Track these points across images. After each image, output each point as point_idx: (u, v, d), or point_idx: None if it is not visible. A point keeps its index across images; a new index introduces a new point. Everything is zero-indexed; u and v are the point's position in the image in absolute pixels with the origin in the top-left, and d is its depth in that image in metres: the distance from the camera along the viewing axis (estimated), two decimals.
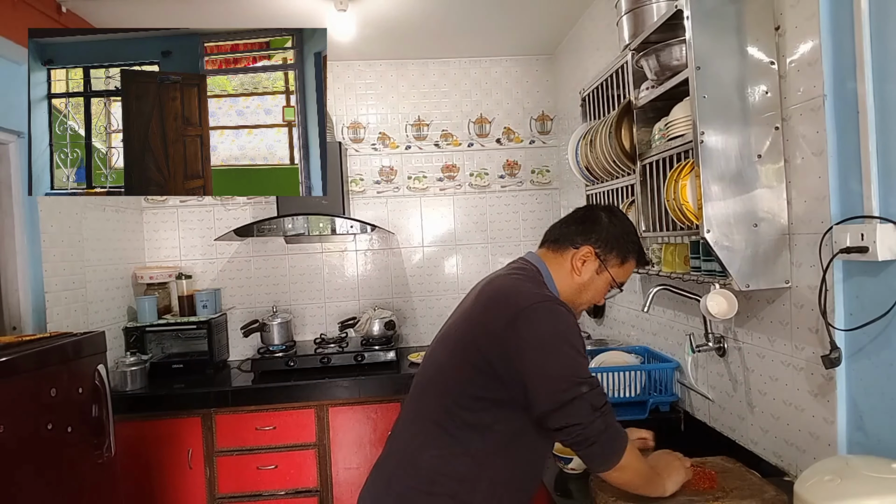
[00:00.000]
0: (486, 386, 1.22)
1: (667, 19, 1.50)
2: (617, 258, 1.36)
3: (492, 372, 1.21)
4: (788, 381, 1.44)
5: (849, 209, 1.23)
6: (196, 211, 3.27)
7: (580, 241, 1.36)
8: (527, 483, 1.33)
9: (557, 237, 1.40)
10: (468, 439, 1.23)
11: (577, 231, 1.37)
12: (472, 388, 1.23)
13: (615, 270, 1.37)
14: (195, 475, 2.62)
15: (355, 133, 3.36)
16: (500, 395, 1.22)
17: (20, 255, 2.27)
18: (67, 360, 1.84)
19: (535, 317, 1.19)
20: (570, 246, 1.36)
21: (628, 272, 1.41)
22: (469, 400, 1.24)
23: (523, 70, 3.42)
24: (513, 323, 1.19)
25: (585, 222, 1.38)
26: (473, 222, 3.40)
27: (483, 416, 1.23)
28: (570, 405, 1.15)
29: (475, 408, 1.23)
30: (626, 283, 1.45)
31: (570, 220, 1.41)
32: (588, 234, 1.36)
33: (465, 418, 1.23)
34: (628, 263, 1.39)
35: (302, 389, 2.65)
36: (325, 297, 3.34)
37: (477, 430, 1.23)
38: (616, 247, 1.36)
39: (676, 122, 1.54)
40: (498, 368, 1.20)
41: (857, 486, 1.00)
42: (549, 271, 1.37)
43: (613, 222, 1.38)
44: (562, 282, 1.36)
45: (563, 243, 1.38)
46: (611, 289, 1.40)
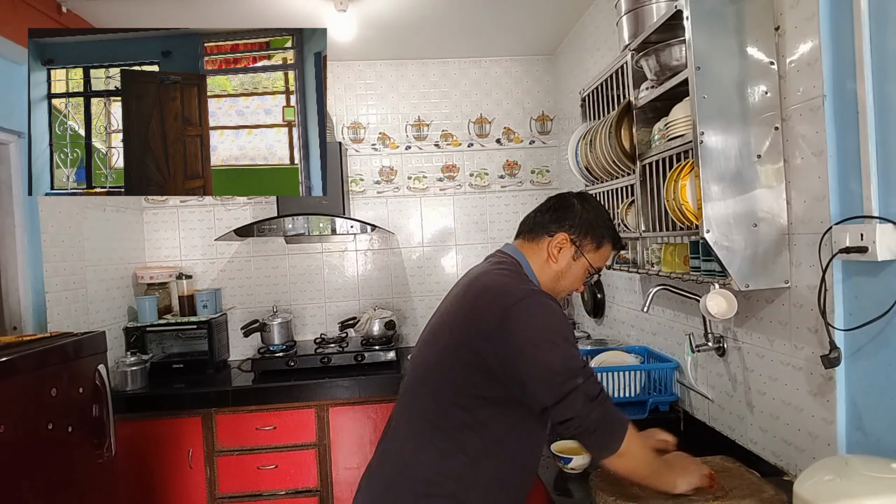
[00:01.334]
0: (480, 384, 1.23)
1: (667, 19, 1.50)
2: (592, 243, 1.38)
3: (487, 370, 1.22)
4: (788, 381, 1.44)
5: (848, 209, 1.23)
6: (196, 211, 3.27)
7: (555, 229, 1.37)
8: (523, 478, 1.33)
9: (532, 227, 1.41)
10: (463, 438, 1.24)
11: (551, 219, 1.39)
12: (467, 387, 1.24)
13: (591, 255, 1.39)
14: (195, 475, 2.62)
15: (355, 133, 3.36)
16: (495, 392, 1.23)
17: (20, 254, 2.27)
18: (68, 360, 1.84)
19: (524, 312, 1.20)
20: (545, 234, 1.38)
21: (605, 257, 1.42)
22: (464, 399, 1.24)
23: (523, 70, 3.42)
24: (504, 321, 1.20)
25: (559, 210, 1.40)
26: (473, 222, 3.40)
27: (478, 414, 1.23)
28: (567, 398, 1.16)
29: (470, 406, 1.24)
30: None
31: (543, 209, 1.43)
32: (562, 221, 1.38)
33: (460, 417, 1.24)
34: (604, 248, 1.40)
35: (302, 389, 2.65)
36: (326, 297, 3.34)
37: (472, 428, 1.24)
38: (590, 232, 1.38)
39: (676, 123, 1.54)
40: (494, 367, 1.21)
41: (856, 485, 1.00)
42: (527, 262, 1.38)
43: (586, 208, 1.39)
44: (540, 270, 1.38)
45: (538, 232, 1.39)
46: (589, 275, 1.42)
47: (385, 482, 1.30)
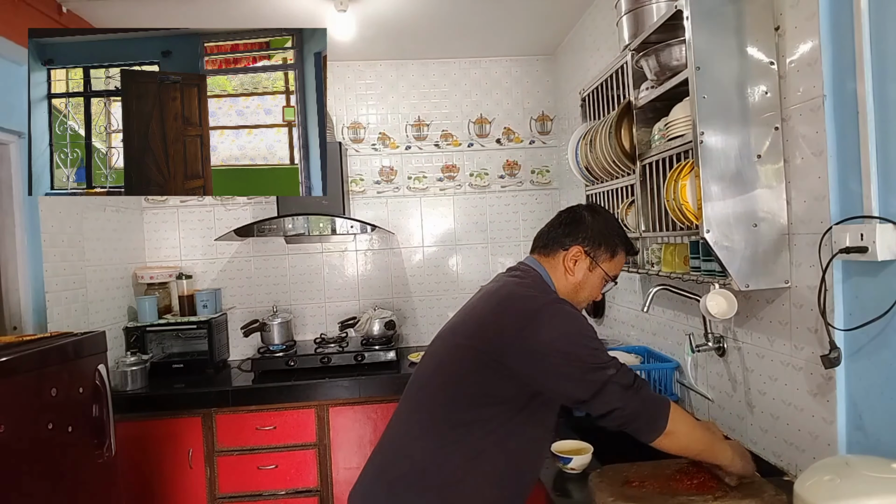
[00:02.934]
0: (490, 382, 1.25)
1: (667, 19, 1.50)
2: (606, 252, 1.40)
3: (503, 370, 1.24)
4: (788, 381, 1.44)
5: (848, 209, 1.23)
6: (196, 211, 3.27)
7: (568, 243, 1.40)
8: (520, 480, 1.34)
9: (546, 242, 1.44)
10: (463, 434, 1.25)
11: (564, 233, 1.42)
12: (475, 384, 1.26)
13: (606, 265, 1.41)
14: (195, 475, 2.62)
15: (355, 133, 3.36)
16: (504, 391, 1.25)
17: (20, 255, 2.27)
18: (68, 359, 1.84)
19: (550, 317, 1.24)
20: (560, 248, 1.41)
21: (619, 265, 1.45)
22: (471, 396, 1.26)
23: (523, 70, 3.42)
24: (530, 324, 1.23)
25: (570, 224, 1.42)
26: (473, 222, 3.40)
27: (482, 412, 1.25)
28: (603, 391, 1.19)
29: (475, 403, 1.25)
30: (621, 277, 1.47)
31: (555, 224, 1.46)
32: (575, 234, 1.40)
33: (463, 414, 1.26)
34: (618, 256, 1.43)
35: (302, 389, 2.65)
36: (326, 297, 3.34)
37: (474, 425, 1.25)
38: (603, 242, 1.40)
39: (676, 123, 1.54)
40: (512, 367, 1.23)
41: (856, 485, 1.00)
42: (548, 274, 1.41)
43: (597, 219, 1.42)
44: (559, 283, 1.41)
45: (553, 247, 1.42)
46: (606, 283, 1.44)
47: (381, 468, 1.33)
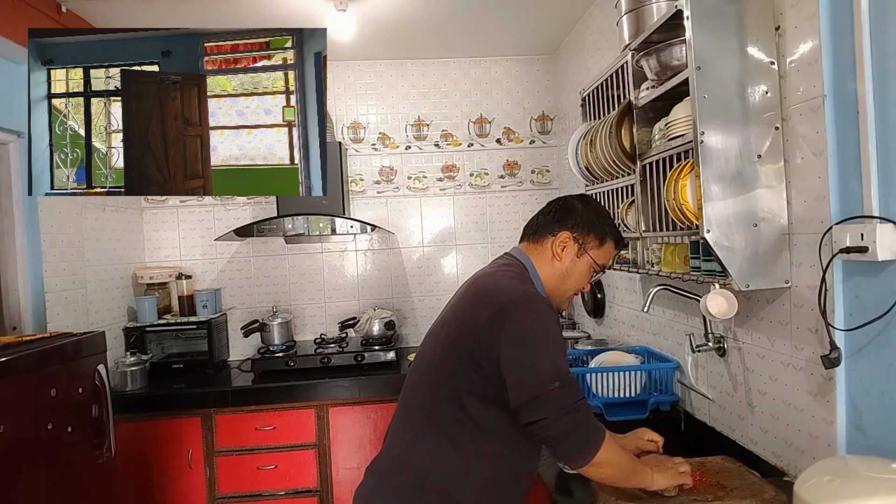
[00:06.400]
0: (472, 382, 1.25)
1: (667, 19, 1.50)
2: (595, 240, 1.41)
3: (478, 368, 1.23)
4: (788, 382, 1.44)
5: (849, 209, 1.23)
6: (196, 211, 3.27)
7: (557, 228, 1.41)
8: (520, 479, 1.34)
9: (535, 229, 1.45)
10: (457, 435, 1.25)
11: (554, 219, 1.43)
12: (460, 384, 1.26)
13: (595, 252, 1.41)
14: (195, 475, 2.62)
15: (355, 133, 3.36)
16: (485, 391, 1.24)
17: (20, 255, 2.27)
18: (67, 360, 1.84)
19: (515, 312, 1.22)
20: (549, 234, 1.42)
21: (608, 253, 1.45)
22: (458, 396, 1.26)
23: (523, 70, 3.42)
24: (494, 318, 1.22)
25: (560, 211, 1.44)
26: (473, 222, 3.40)
27: (471, 413, 1.25)
28: (537, 401, 1.16)
29: (464, 404, 1.25)
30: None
31: (545, 212, 1.47)
32: (564, 220, 1.41)
33: (454, 414, 1.25)
34: (607, 244, 1.43)
35: (302, 389, 2.65)
36: (325, 297, 3.34)
37: (465, 426, 1.25)
38: (592, 229, 1.41)
39: (676, 122, 1.54)
40: (482, 364, 1.23)
41: (856, 486, 1.00)
42: (532, 263, 1.41)
43: (587, 207, 1.43)
44: (545, 271, 1.40)
45: (542, 233, 1.43)
46: (594, 273, 1.44)
47: (382, 475, 1.33)
